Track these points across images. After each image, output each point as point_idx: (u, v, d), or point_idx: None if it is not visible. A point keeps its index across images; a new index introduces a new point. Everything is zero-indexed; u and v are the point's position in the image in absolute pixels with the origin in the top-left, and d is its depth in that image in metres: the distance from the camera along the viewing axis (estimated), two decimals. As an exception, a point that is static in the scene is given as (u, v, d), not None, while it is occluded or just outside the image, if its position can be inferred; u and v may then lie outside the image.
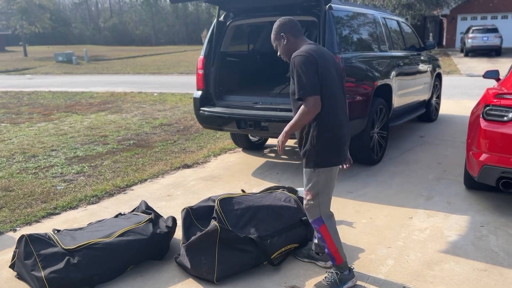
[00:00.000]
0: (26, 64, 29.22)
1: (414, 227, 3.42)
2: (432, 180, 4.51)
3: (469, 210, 3.71)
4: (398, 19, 6.42)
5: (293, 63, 2.39)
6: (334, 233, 2.60)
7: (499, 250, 3.01)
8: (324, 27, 4.28)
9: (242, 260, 2.76)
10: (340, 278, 2.58)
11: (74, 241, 2.76)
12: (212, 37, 5.03)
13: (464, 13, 27.58)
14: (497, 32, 21.40)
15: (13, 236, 3.44)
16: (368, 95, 4.68)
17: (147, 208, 3.32)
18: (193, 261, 2.73)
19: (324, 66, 2.40)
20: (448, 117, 7.86)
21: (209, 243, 2.72)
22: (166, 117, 8.76)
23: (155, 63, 27.83)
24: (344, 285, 2.58)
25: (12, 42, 49.75)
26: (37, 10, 35.83)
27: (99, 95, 12.82)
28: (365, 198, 4.05)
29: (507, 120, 3.37)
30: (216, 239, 2.71)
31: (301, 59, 2.36)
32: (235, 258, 2.74)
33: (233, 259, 2.73)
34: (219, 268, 2.68)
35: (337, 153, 2.50)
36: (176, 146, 6.31)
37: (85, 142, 6.63)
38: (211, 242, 2.71)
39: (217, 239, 2.71)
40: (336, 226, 2.68)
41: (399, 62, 5.58)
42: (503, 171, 3.37)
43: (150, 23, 65.21)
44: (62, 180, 4.86)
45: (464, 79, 14.67)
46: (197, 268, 2.71)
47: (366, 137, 4.76)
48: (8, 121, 8.80)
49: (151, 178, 4.85)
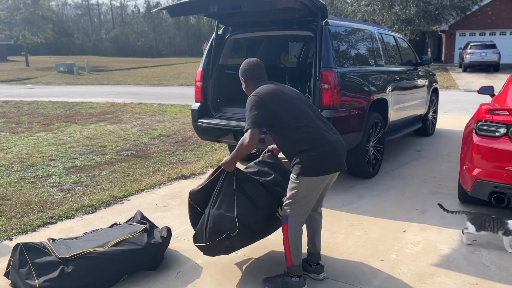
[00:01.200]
0: (27, 74, 29.40)
1: (408, 240, 3.44)
2: (427, 194, 4.54)
3: (462, 224, 3.73)
4: (395, 35, 6.51)
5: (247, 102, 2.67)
6: (295, 238, 2.65)
7: (490, 264, 3.03)
8: (320, 42, 4.36)
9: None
10: (287, 282, 2.66)
11: (68, 250, 2.78)
12: (211, 51, 5.11)
13: (463, 29, 27.86)
14: (495, 48, 21.60)
15: (8, 244, 3.46)
16: (364, 109, 4.74)
17: (143, 218, 3.35)
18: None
19: (278, 100, 2.63)
20: (445, 132, 7.91)
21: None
22: (165, 128, 8.82)
23: (156, 75, 28.02)
24: None
25: (14, 51, 50.11)
26: (40, 21, 36.18)
27: (99, 105, 12.90)
28: (359, 211, 4.08)
29: (499, 136, 3.42)
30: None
31: (250, 99, 2.66)
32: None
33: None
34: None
35: (321, 163, 2.57)
36: (174, 157, 6.35)
37: (84, 153, 6.67)
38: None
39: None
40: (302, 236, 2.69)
41: (395, 77, 5.65)
42: (495, 185, 3.41)
43: (152, 35, 65.85)
44: (60, 189, 4.89)
45: (462, 94, 14.78)
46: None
47: (362, 150, 4.80)
48: (8, 130, 8.85)
49: (148, 188, 4.88)
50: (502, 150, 3.36)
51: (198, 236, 2.77)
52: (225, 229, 2.64)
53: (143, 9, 72.76)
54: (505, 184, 3.35)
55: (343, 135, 4.40)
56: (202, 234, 2.73)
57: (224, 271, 3.01)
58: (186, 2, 4.25)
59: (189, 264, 3.11)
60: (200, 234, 2.75)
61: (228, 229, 2.64)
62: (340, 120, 4.36)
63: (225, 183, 2.73)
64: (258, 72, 2.84)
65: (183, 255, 3.24)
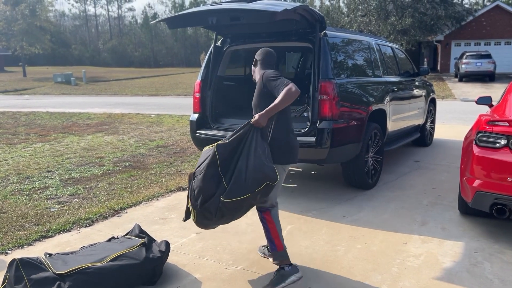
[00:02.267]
0: (24, 85, 29.38)
1: (409, 253, 3.41)
2: (426, 205, 4.52)
3: (464, 236, 3.71)
4: (393, 46, 6.54)
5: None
6: (278, 221, 2.97)
7: (493, 278, 3.00)
8: (319, 53, 4.37)
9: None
10: (282, 274, 2.85)
11: (65, 265, 2.74)
12: (209, 62, 5.11)
13: (458, 39, 28.11)
14: (491, 58, 21.78)
15: (4, 259, 3.40)
16: (362, 120, 4.74)
17: (141, 232, 3.30)
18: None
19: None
20: (442, 141, 7.92)
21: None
22: (163, 139, 8.78)
23: (153, 85, 28.05)
24: (288, 279, 2.83)
25: (12, 62, 50.13)
26: (38, 32, 36.23)
27: (96, 116, 12.87)
28: (359, 223, 4.04)
29: (499, 147, 3.41)
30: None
31: (268, 73, 3.04)
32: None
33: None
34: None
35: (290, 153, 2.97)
36: (172, 168, 6.31)
37: (81, 164, 6.62)
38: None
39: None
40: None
41: (393, 88, 5.66)
42: (496, 197, 3.38)
43: (149, 45, 66.03)
44: (57, 201, 4.84)
45: (458, 104, 14.85)
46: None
47: (361, 161, 4.78)
48: (5, 141, 8.80)
49: (146, 200, 4.83)
50: (503, 161, 3.35)
51: (235, 191, 2.66)
52: (267, 178, 2.66)
53: (140, 20, 73.14)
54: (507, 195, 3.33)
55: (342, 146, 4.44)
56: (240, 187, 2.65)
57: (223, 286, 2.96)
58: (184, 14, 4.25)
59: (188, 279, 3.06)
60: (237, 187, 2.65)
61: (269, 178, 2.66)
62: (339, 131, 4.35)
63: (259, 137, 2.74)
64: (271, 60, 3.31)
65: (182, 269, 3.19)
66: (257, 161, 2.66)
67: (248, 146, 2.72)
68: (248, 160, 2.68)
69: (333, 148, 4.31)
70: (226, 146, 2.76)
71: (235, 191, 2.65)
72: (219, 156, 2.74)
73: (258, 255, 3.40)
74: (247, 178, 2.64)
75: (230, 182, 2.69)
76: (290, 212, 4.35)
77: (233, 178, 2.68)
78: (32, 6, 35.80)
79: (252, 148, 2.70)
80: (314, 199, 4.76)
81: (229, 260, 3.34)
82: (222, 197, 2.66)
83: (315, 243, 3.61)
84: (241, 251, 3.49)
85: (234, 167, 2.71)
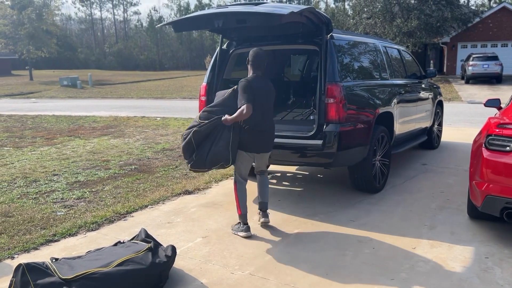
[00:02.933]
0: (31, 88, 29.58)
1: (418, 258, 3.36)
2: (435, 209, 4.47)
3: (473, 240, 3.66)
4: (399, 48, 6.50)
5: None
6: (241, 192, 3.88)
7: (505, 283, 2.94)
8: (325, 56, 4.34)
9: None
10: (236, 227, 3.88)
11: (72, 270, 2.72)
12: (215, 65, 5.09)
13: (464, 41, 27.94)
14: (498, 60, 21.62)
15: (10, 263, 3.40)
16: (369, 123, 4.70)
17: (147, 236, 3.29)
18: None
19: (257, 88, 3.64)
20: (450, 144, 7.85)
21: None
22: (169, 142, 8.78)
23: (159, 88, 28.14)
24: (236, 231, 3.87)
25: (19, 66, 50.51)
26: (44, 36, 36.48)
27: (102, 119, 12.91)
28: (367, 227, 4.00)
29: (509, 150, 3.36)
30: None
31: (240, 83, 3.66)
32: None
33: None
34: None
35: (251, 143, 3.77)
36: (178, 171, 6.30)
37: (87, 167, 6.63)
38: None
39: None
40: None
41: (400, 90, 5.62)
42: (507, 201, 3.33)
43: (155, 49, 66.37)
44: (63, 205, 4.84)
45: (465, 106, 14.75)
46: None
47: (368, 165, 4.74)
48: (11, 145, 8.84)
49: (151, 204, 4.82)
50: (513, 165, 3.29)
51: (198, 164, 3.70)
52: (221, 161, 3.67)
53: (146, 24, 73.51)
54: (518, 199, 3.28)
55: (349, 150, 4.40)
56: (201, 163, 3.68)
57: (230, 291, 2.93)
58: (190, 17, 4.24)
59: (195, 284, 3.04)
60: (200, 163, 3.69)
61: (224, 161, 3.67)
62: (346, 135, 4.32)
63: (225, 130, 3.65)
64: (260, 62, 3.72)
65: (189, 275, 3.17)
66: (216, 148, 3.64)
67: (214, 136, 3.66)
68: (211, 146, 3.65)
69: (340, 151, 4.27)
70: (200, 133, 3.66)
71: (198, 164, 3.71)
72: (194, 140, 3.67)
73: (265, 260, 3.37)
74: (207, 158, 3.65)
75: (196, 157, 3.69)
76: (297, 216, 4.32)
77: (199, 155, 3.67)
78: (39, 10, 36.10)
79: (217, 139, 3.65)
80: (321, 203, 4.72)
81: (236, 265, 3.31)
82: (189, 165, 3.75)
83: (322, 248, 3.58)
84: (247, 256, 3.46)
85: (203, 147, 3.67)
